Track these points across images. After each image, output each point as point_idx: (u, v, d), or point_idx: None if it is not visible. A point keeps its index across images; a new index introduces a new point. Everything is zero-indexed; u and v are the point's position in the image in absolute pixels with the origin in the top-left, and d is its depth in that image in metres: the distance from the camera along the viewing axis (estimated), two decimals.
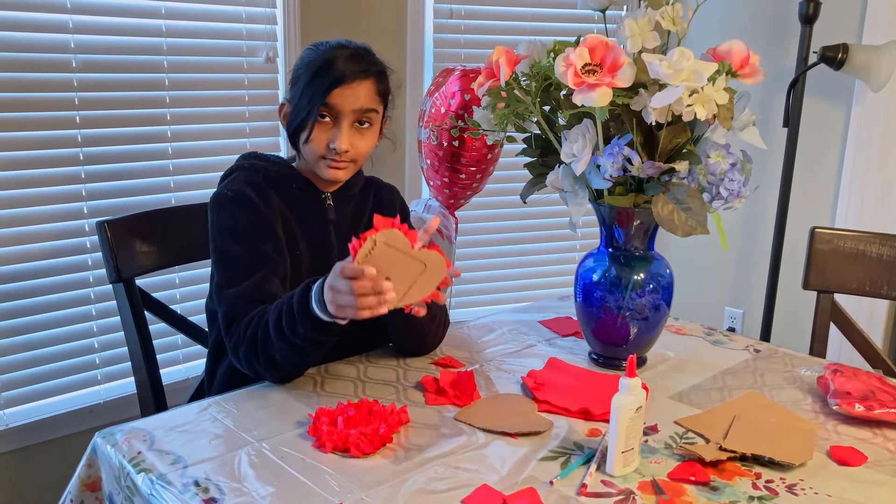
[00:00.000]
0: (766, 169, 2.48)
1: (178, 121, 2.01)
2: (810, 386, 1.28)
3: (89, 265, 1.93)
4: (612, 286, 1.28)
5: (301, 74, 1.28)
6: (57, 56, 1.80)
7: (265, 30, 2.12)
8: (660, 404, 1.20)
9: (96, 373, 1.98)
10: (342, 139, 1.26)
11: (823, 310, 1.62)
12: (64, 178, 1.86)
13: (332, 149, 1.27)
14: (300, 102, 1.27)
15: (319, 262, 1.33)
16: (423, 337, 1.34)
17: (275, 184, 1.33)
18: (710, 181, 1.14)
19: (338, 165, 1.29)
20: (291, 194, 1.34)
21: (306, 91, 1.26)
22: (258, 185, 1.30)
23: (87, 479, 1.07)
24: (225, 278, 1.25)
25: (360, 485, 0.95)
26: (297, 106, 1.27)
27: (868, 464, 1.03)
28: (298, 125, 1.28)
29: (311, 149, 1.28)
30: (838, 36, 2.23)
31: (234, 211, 1.27)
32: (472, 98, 1.96)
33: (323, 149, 1.28)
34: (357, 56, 1.28)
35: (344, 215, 1.39)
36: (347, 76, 1.25)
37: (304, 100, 1.26)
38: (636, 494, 0.94)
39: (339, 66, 1.25)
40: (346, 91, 1.25)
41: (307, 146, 1.28)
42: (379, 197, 1.46)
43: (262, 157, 1.37)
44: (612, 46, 1.11)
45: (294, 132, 1.30)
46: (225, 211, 1.28)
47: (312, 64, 1.26)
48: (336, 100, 1.25)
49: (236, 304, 1.22)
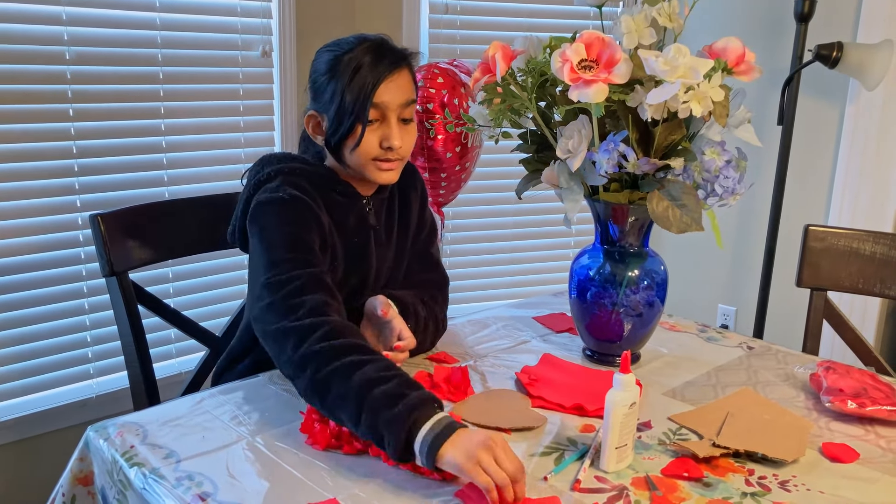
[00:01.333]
0: (760, 166, 2.49)
1: (172, 114, 2.00)
2: (803, 383, 1.28)
3: (82, 259, 1.92)
4: (607, 283, 1.28)
5: (329, 80, 1.19)
6: (50, 48, 1.79)
7: (260, 23, 2.11)
8: (653, 401, 1.20)
9: (89, 367, 1.98)
10: (395, 135, 1.19)
11: (817, 307, 1.63)
12: (57, 171, 1.85)
13: (386, 148, 1.20)
14: (342, 109, 1.17)
15: (355, 269, 1.28)
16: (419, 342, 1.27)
17: (319, 189, 1.24)
18: (705, 178, 1.15)
19: (391, 167, 1.22)
20: (333, 200, 1.25)
21: (348, 94, 1.16)
22: (307, 189, 1.21)
23: (79, 473, 1.07)
24: (279, 269, 1.10)
25: (354, 480, 0.95)
26: (339, 113, 1.18)
27: (860, 460, 1.04)
28: (345, 133, 1.19)
29: (360, 154, 1.20)
30: (833, 34, 2.23)
31: (290, 214, 1.16)
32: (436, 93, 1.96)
33: (375, 150, 1.20)
34: (385, 46, 1.21)
35: (381, 220, 1.33)
36: (388, 69, 1.18)
37: (346, 105, 1.17)
38: (629, 490, 0.95)
39: (377, 59, 1.17)
40: (390, 86, 1.18)
41: (356, 153, 1.20)
42: (402, 185, 1.36)
43: (302, 159, 1.27)
44: (608, 42, 1.11)
45: (339, 142, 1.20)
46: (281, 215, 1.16)
47: (342, 66, 1.18)
48: (383, 97, 1.18)
49: (302, 287, 1.08)
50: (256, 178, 1.23)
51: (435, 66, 2.02)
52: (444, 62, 2.10)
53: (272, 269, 1.11)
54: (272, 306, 1.08)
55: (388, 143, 1.20)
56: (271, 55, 2.14)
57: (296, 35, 2.16)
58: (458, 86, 2.01)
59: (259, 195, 1.20)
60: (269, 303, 1.09)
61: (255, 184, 1.23)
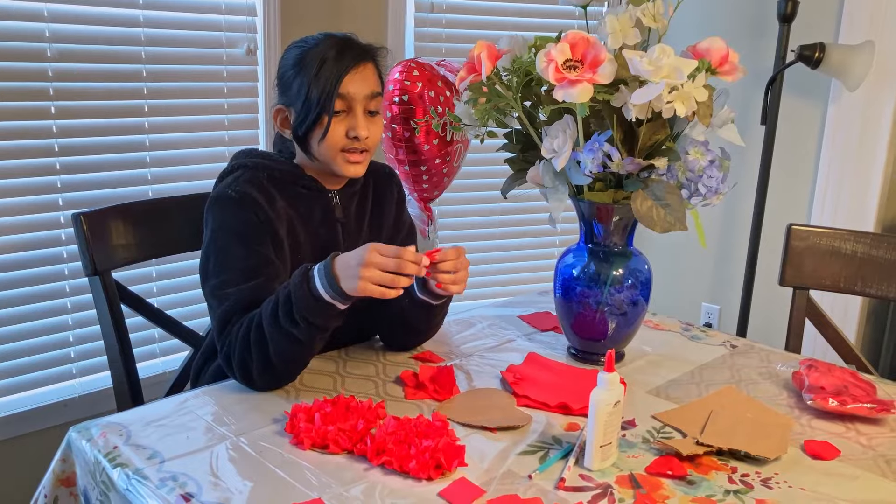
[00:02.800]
0: (743, 166, 2.51)
1: (155, 112, 1.98)
2: (785, 381, 1.30)
3: (64, 258, 1.90)
4: (591, 282, 1.28)
5: (296, 74, 1.23)
6: (31, 45, 1.77)
7: (245, 21, 2.10)
8: (637, 399, 1.21)
9: (71, 367, 1.96)
10: (362, 125, 1.23)
11: (799, 306, 1.64)
12: (39, 170, 1.83)
13: (352, 138, 1.24)
14: (308, 101, 1.21)
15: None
16: (428, 327, 1.34)
17: (280, 183, 1.28)
18: (688, 178, 1.15)
19: (357, 159, 1.26)
20: (297, 194, 1.29)
21: (314, 86, 1.21)
22: (262, 185, 1.25)
23: (61, 474, 1.06)
24: (224, 279, 1.20)
25: (338, 479, 0.94)
26: (306, 105, 1.22)
27: (841, 458, 1.05)
28: (311, 125, 1.23)
29: (328, 146, 1.24)
30: (815, 35, 2.25)
31: (238, 212, 1.22)
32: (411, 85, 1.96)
33: (342, 142, 1.24)
34: (350, 41, 1.26)
35: (350, 214, 1.35)
36: (353, 62, 1.23)
37: (312, 96, 1.21)
38: (614, 488, 0.95)
39: (342, 53, 1.22)
40: (355, 77, 1.23)
41: (323, 145, 1.24)
42: (378, 188, 1.41)
43: (265, 154, 1.32)
44: (593, 42, 1.12)
45: (305, 134, 1.25)
46: (228, 212, 1.22)
47: (309, 59, 1.22)
48: (348, 88, 1.22)
49: (234, 307, 1.17)
50: (222, 171, 1.31)
51: (412, 61, 2.02)
52: (432, 61, 2.10)
53: (215, 278, 1.21)
54: (214, 320, 1.21)
55: (354, 133, 1.24)
56: (256, 53, 2.12)
57: (281, 33, 2.15)
58: (435, 79, 2.02)
59: (216, 189, 1.27)
60: (212, 314, 1.22)
61: (219, 177, 1.31)
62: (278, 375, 1.17)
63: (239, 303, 1.18)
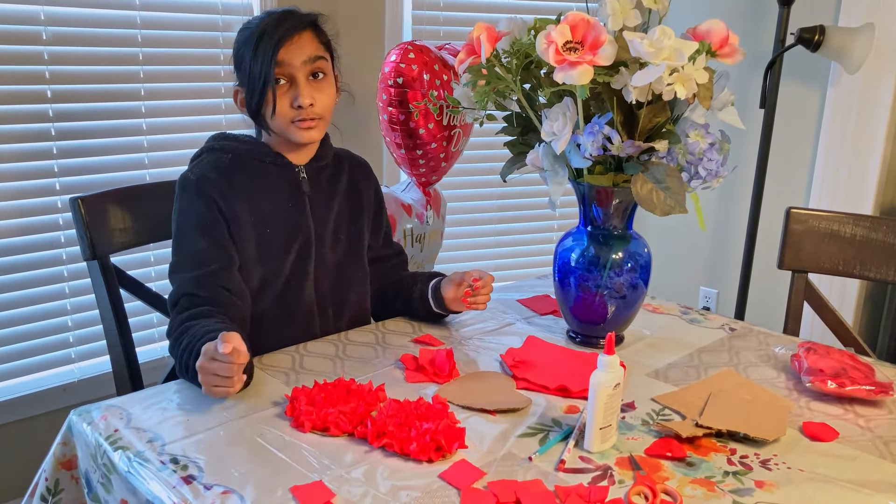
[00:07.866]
0: (742, 149, 2.50)
1: (152, 96, 1.97)
2: (784, 364, 1.30)
3: (62, 242, 1.90)
4: (591, 265, 1.28)
5: (242, 53, 1.28)
6: (26, 28, 1.75)
7: (241, 4, 2.08)
8: (637, 382, 1.21)
9: (70, 351, 1.96)
10: (303, 93, 1.26)
11: (798, 289, 1.64)
12: (35, 154, 1.83)
13: (297, 107, 1.27)
14: (252, 77, 1.26)
15: (293, 236, 1.33)
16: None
17: (246, 162, 1.32)
18: (688, 161, 1.15)
19: (308, 125, 1.29)
20: (263, 170, 1.33)
21: (254, 63, 1.25)
22: (223, 167, 1.30)
23: (62, 457, 1.06)
24: (176, 262, 1.26)
25: (339, 462, 0.95)
26: (251, 81, 1.27)
27: (839, 439, 1.05)
28: (259, 100, 1.27)
29: (278, 119, 1.28)
30: (815, 18, 2.24)
31: (194, 200, 1.27)
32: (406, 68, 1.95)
33: (289, 111, 1.27)
34: (287, 13, 1.29)
35: (319, 188, 1.38)
36: (288, 32, 1.26)
37: (255, 72, 1.25)
38: (613, 470, 0.96)
39: (276, 27, 1.26)
40: (290, 46, 1.26)
41: (275, 118, 1.28)
42: (354, 175, 1.45)
43: (232, 136, 1.36)
44: (593, 24, 1.11)
45: (256, 110, 1.28)
46: (187, 196, 1.28)
47: (249, 39, 1.26)
48: (284, 56, 1.25)
49: (181, 290, 1.23)
50: (192, 155, 1.36)
51: (409, 44, 2.01)
52: (434, 46, 2.09)
53: (173, 258, 1.27)
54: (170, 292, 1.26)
55: (297, 102, 1.26)
56: None
57: None
58: (433, 62, 2.01)
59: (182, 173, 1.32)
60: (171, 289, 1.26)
61: (190, 161, 1.36)
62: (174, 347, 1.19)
63: (185, 286, 1.23)
